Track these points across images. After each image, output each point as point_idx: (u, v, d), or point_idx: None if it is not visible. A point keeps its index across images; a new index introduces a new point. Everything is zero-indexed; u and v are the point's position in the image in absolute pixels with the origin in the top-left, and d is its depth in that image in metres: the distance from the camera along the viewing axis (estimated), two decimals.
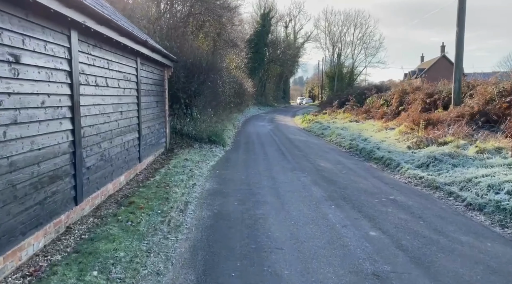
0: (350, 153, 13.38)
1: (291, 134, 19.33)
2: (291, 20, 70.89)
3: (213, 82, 13.74)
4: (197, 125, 13.31)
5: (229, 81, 20.57)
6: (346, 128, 18.88)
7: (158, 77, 10.84)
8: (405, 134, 14.25)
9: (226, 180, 8.65)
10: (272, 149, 13.73)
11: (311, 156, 12.33)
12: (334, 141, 16.17)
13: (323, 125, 21.70)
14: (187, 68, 12.93)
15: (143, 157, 8.97)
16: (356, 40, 53.47)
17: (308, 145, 15.38)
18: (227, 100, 20.51)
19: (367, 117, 22.37)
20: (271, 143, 15.65)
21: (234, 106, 26.93)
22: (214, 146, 13.12)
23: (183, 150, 11.82)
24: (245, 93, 31.94)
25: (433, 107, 17.99)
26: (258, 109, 44.72)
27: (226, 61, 28.60)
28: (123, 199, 6.48)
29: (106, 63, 6.45)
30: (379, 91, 27.46)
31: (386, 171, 10.16)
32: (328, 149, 14.25)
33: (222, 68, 17.34)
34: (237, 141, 15.85)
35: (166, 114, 11.78)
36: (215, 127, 14.59)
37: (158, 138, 10.80)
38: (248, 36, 49.32)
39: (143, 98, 9.04)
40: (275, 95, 68.30)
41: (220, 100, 18.47)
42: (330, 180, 8.83)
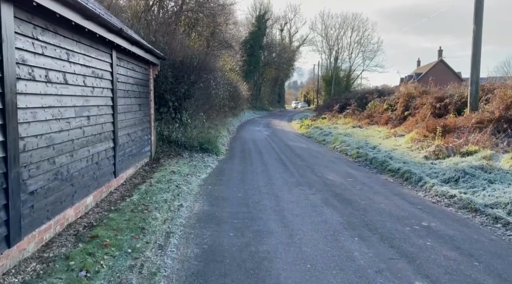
0: (359, 162, 11.97)
1: (290, 141, 17.91)
2: (287, 23, 69.73)
3: (205, 84, 12.30)
4: (188, 131, 11.84)
5: (224, 83, 19.14)
6: (350, 135, 17.50)
7: (142, 76, 9.37)
8: (418, 142, 12.90)
9: (220, 198, 7.18)
10: (272, 158, 12.28)
11: (316, 167, 10.90)
12: (339, 149, 14.77)
13: (323, 131, 20.31)
14: (176, 67, 11.48)
15: (120, 171, 7.47)
16: (353, 43, 52.38)
17: (311, 153, 13.95)
18: (221, 104, 19.07)
19: (370, 122, 21.04)
20: (269, 150, 14.20)
21: (228, 110, 25.48)
22: (207, 154, 11.64)
23: (171, 159, 10.33)
24: (240, 97, 30.54)
25: (444, 113, 16.68)
26: (253, 114, 43.33)
27: (221, 62, 27.20)
28: (85, 230, 4.98)
29: (64, 54, 4.97)
30: (381, 95, 26.18)
31: (406, 186, 8.74)
32: (333, 158, 12.83)
33: (215, 69, 15.92)
34: (232, 149, 14.38)
35: (152, 119, 10.30)
36: (208, 133, 13.12)
37: (141, 147, 9.31)
38: (243, 38, 48.09)
39: (120, 100, 7.56)
40: (271, 99, 66.96)
41: (214, 103, 17.02)
42: (344, 198, 7.39)
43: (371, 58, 51.95)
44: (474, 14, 13.47)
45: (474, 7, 13.41)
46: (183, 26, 22.12)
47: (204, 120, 12.04)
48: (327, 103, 44.73)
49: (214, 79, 14.68)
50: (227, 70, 30.57)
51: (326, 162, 12.00)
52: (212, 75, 13.23)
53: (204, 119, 12.16)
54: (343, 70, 53.00)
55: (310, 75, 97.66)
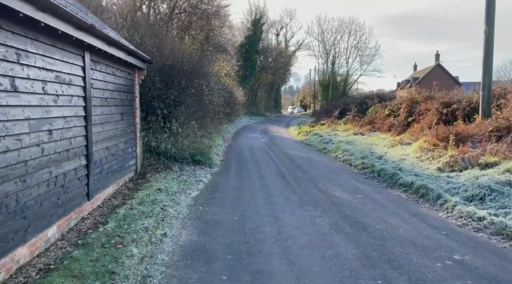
0: (365, 175, 10.98)
1: (289, 149, 16.91)
2: (283, 28, 69.07)
3: (197, 89, 11.29)
4: (178, 142, 10.81)
5: (218, 89, 18.14)
6: (352, 143, 16.53)
7: (125, 81, 8.36)
8: (428, 152, 11.94)
9: (212, 223, 6.14)
10: (270, 170, 11.26)
11: (319, 180, 9.90)
12: (341, 158, 13.77)
13: (323, 138, 19.34)
14: (165, 71, 10.47)
15: (95, 191, 6.43)
16: (350, 47, 51.66)
17: (312, 163, 12.95)
18: (216, 110, 18.05)
19: (372, 129, 20.11)
20: (267, 161, 13.18)
21: (224, 117, 24.48)
22: (199, 167, 10.61)
23: (159, 174, 9.29)
24: (235, 102, 29.57)
25: (451, 119, 15.77)
26: (249, 119, 42.36)
27: (215, 67, 26.25)
28: (39, 276, 3.94)
29: (12, 54, 3.96)
30: (382, 100, 25.29)
31: (423, 204, 7.75)
32: (337, 169, 11.84)
33: (209, 73, 14.93)
34: (228, 159, 13.35)
35: (137, 129, 9.27)
36: (201, 143, 12.10)
37: (124, 161, 8.28)
38: (239, 43, 47.26)
39: (97, 110, 6.54)
40: (267, 105, 66.09)
41: (207, 110, 16.00)
42: (356, 221, 6.38)
43: (368, 62, 51.26)
44: (485, 14, 12.60)
45: (485, 6, 12.55)
46: (176, 29, 21.16)
47: (196, 129, 11.01)
48: (324, 108, 43.85)
49: (207, 84, 13.68)
50: (222, 76, 29.65)
51: (330, 174, 11.00)
52: (205, 80, 12.23)
53: (196, 129, 11.12)
54: (340, 75, 52.24)
55: (306, 80, 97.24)
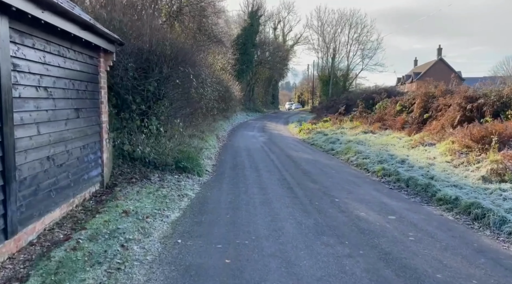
0: (388, 184, 9.02)
1: (291, 150, 14.90)
2: (280, 22, 67.00)
3: (183, 80, 9.22)
4: (159, 144, 8.77)
5: (212, 82, 16.09)
6: (363, 143, 14.55)
7: (83, 67, 6.31)
8: (461, 155, 9.98)
9: (193, 273, 4.13)
10: (273, 179, 9.25)
11: (335, 192, 7.91)
12: (354, 162, 11.78)
13: (329, 137, 17.34)
14: (143, 57, 8.41)
15: (23, 222, 4.41)
16: (351, 40, 49.59)
17: (321, 168, 10.95)
18: (209, 106, 16.02)
19: (382, 126, 18.13)
20: (268, 165, 11.18)
21: (218, 113, 22.44)
22: (185, 176, 8.58)
23: (132, 186, 7.25)
24: (232, 98, 27.52)
25: (476, 116, 13.81)
26: (246, 116, 40.37)
27: (210, 59, 24.18)
28: None
29: None
30: (390, 95, 23.31)
31: (481, 230, 5.77)
32: (352, 176, 9.85)
33: (201, 63, 12.89)
34: (221, 164, 11.31)
35: (103, 130, 7.22)
36: (189, 145, 10.08)
37: (81, 172, 6.24)
38: (235, 36, 45.14)
39: (27, 104, 4.51)
40: (264, 100, 64.11)
41: (198, 106, 13.95)
42: (403, 266, 4.39)
43: (370, 56, 49.17)
44: None
45: None
46: (164, 16, 19.05)
47: (181, 129, 8.88)
48: (325, 104, 41.85)
49: (197, 75, 11.61)
50: (218, 69, 27.60)
51: (345, 183, 9.01)
52: (194, 70, 10.18)
53: (181, 128, 9.02)
54: (340, 70, 50.21)
55: (304, 75, 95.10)
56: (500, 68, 62.56)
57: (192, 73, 8.88)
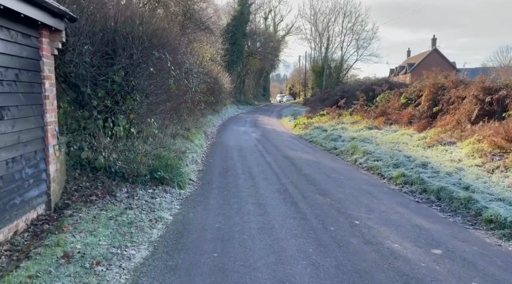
0: (411, 193, 7.41)
1: (289, 149, 13.20)
2: (271, 11, 65.01)
3: (158, 67, 7.38)
4: (130, 149, 6.99)
5: (199, 72, 14.29)
6: (369, 140, 12.91)
7: (8, 48, 4.50)
8: (494, 158, 8.40)
9: None
10: (271, 189, 7.56)
11: (353, 211, 6.26)
12: (364, 164, 10.15)
13: (329, 133, 15.68)
14: (106, 38, 6.58)
15: None
16: (345, 30, 47.84)
17: (326, 172, 9.29)
18: (196, 99, 14.23)
19: (387, 121, 16.53)
20: (264, 170, 9.47)
21: (207, 107, 20.64)
22: (162, 189, 6.83)
23: (89, 207, 5.50)
24: (221, 90, 25.70)
25: (497, 110, 12.28)
26: (237, 109, 38.57)
27: (197, 48, 22.31)
28: None
29: None
30: (392, 86, 21.72)
31: None
32: (365, 184, 8.20)
33: (185, 50, 11.09)
34: (209, 169, 9.57)
35: (50, 134, 5.42)
36: (169, 148, 8.31)
37: (10, 195, 4.46)
38: (225, 25, 43.12)
39: None
40: (255, 93, 62.27)
41: (183, 99, 12.16)
42: None
43: (365, 46, 47.50)
44: None
45: None
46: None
47: (156, 130, 6.99)
48: (319, 96, 40.19)
49: (181, 64, 9.82)
50: (206, 60, 25.73)
51: (361, 194, 7.35)
52: (176, 58, 8.37)
53: (155, 130, 7.14)
54: (334, 61, 48.49)
55: (295, 67, 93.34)
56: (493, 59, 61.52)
57: (170, 60, 7.05)
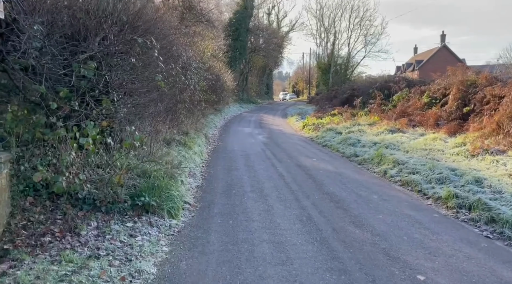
0: (473, 223, 5.67)
1: (302, 156, 11.46)
2: (274, 7, 63.08)
3: (151, 60, 5.65)
4: (106, 165, 5.28)
5: (198, 68, 12.58)
6: (395, 146, 11.17)
7: None
8: None
9: None
10: (291, 217, 5.81)
11: (408, 256, 4.53)
12: (396, 178, 8.39)
13: (345, 136, 13.90)
14: (69, 16, 4.84)
15: None
16: (352, 25, 45.92)
17: (354, 189, 7.54)
18: (196, 99, 12.52)
19: (410, 123, 14.77)
20: (277, 185, 7.73)
21: (208, 107, 18.96)
22: (147, 220, 5.10)
23: (37, 255, 3.79)
24: (224, 88, 24.01)
25: None
26: (240, 108, 36.84)
27: (198, 42, 20.58)
28: None
29: None
30: (410, 84, 19.93)
31: None
32: (409, 208, 6.45)
33: (181, 41, 9.37)
34: (209, 184, 7.84)
35: None
36: (160, 161, 6.59)
37: None
38: (227, 20, 41.36)
39: None
40: (258, 91, 60.48)
41: (181, 98, 10.46)
42: None
43: (373, 42, 45.56)
44: None
45: None
46: None
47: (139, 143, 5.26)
48: (325, 95, 38.41)
49: (175, 57, 8.09)
50: (208, 56, 24.02)
51: (408, 225, 5.60)
52: (167, 47, 6.64)
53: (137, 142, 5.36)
54: (341, 57, 46.62)
55: (299, 64, 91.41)
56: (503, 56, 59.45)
57: (158, 49, 5.28)
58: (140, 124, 6.61)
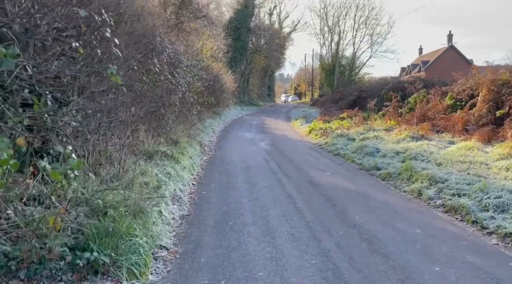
0: None
1: (313, 168, 9.69)
2: (276, 7, 61.47)
3: (103, 45, 3.96)
4: (36, 198, 3.52)
5: (191, 66, 10.85)
6: (424, 157, 9.37)
7: None
8: None
9: None
10: (311, 274, 4.06)
11: None
12: (437, 201, 6.61)
13: (360, 144, 12.07)
14: None
15: None
16: (357, 25, 44.20)
17: (388, 220, 5.76)
18: (189, 101, 10.78)
19: (433, 128, 12.98)
20: (287, 213, 5.96)
21: (205, 110, 17.23)
22: None
23: None
24: (223, 89, 22.28)
25: None
26: (240, 110, 35.11)
27: (195, 41, 18.91)
28: None
29: None
30: (428, 85, 18.14)
31: None
32: (470, 251, 4.66)
33: (166, 30, 7.67)
34: (198, 216, 6.05)
35: None
36: (130, 185, 4.83)
37: None
38: (228, 19, 39.74)
39: None
40: (260, 93, 58.71)
41: (169, 101, 8.72)
42: None
43: (380, 42, 43.81)
44: None
45: None
46: None
47: (73, 173, 3.63)
48: (330, 97, 36.62)
49: (159, 50, 6.35)
50: (206, 55, 22.33)
51: None
52: (139, 32, 4.91)
53: (73, 168, 3.71)
54: (346, 58, 44.87)
55: (301, 66, 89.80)
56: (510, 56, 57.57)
57: (112, 25, 3.54)
58: (103, 136, 4.87)
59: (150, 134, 7.93)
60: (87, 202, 4.03)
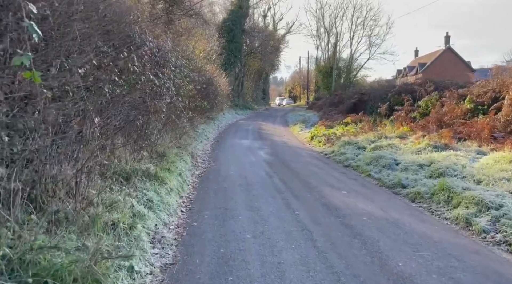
0: None
1: (325, 185, 8.20)
2: (270, 9, 60.19)
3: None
4: None
5: (180, 66, 9.34)
6: (457, 172, 7.93)
7: None
8: None
9: None
10: None
11: None
12: (494, 235, 5.17)
13: (373, 154, 10.61)
14: None
15: None
16: (354, 26, 42.98)
17: (443, 267, 4.29)
18: (177, 108, 9.25)
19: (455, 135, 11.57)
20: (305, 255, 4.47)
21: (198, 115, 15.69)
22: None
23: None
24: (217, 93, 20.74)
25: None
26: (235, 114, 33.65)
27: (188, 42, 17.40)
28: None
29: None
30: (439, 87, 16.78)
31: None
32: None
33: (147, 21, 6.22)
34: (185, 266, 4.53)
35: None
36: (90, 234, 3.31)
37: None
38: (221, 20, 38.35)
39: None
40: (254, 96, 57.25)
41: (154, 108, 7.20)
42: None
43: (378, 43, 42.62)
44: None
45: None
46: None
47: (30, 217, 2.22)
48: (328, 100, 35.27)
49: (136, 43, 4.87)
50: (200, 57, 20.81)
51: None
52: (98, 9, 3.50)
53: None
54: (343, 60, 43.59)
55: (296, 69, 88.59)
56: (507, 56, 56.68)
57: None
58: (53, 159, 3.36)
59: (129, 148, 6.40)
60: (10, 272, 2.50)
